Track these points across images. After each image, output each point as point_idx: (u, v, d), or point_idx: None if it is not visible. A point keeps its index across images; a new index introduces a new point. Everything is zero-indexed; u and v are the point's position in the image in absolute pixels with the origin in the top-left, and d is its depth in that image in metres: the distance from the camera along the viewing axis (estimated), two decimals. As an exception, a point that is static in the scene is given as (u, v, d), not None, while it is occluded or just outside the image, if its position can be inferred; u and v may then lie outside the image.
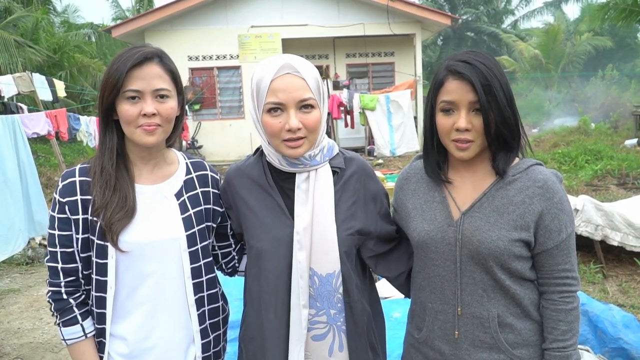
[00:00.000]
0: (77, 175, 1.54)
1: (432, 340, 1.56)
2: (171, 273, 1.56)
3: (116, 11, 24.83)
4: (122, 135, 1.55)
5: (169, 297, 1.56)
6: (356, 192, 1.62)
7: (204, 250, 1.63)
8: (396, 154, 14.08)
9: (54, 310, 1.56)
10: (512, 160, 1.50)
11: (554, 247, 1.45)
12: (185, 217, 1.59)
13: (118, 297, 1.54)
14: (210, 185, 1.70)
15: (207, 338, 1.65)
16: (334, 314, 1.57)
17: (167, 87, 1.51)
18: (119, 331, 1.56)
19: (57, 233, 1.53)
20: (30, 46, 14.96)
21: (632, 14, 11.99)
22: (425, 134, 1.59)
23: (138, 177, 1.58)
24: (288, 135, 1.48)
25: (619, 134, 14.54)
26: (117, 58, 1.49)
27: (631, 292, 4.47)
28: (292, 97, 1.46)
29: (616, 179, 9.03)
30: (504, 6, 32.31)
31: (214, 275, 1.68)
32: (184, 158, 1.70)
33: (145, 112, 1.47)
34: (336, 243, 1.54)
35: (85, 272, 1.56)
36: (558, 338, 1.46)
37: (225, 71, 15.23)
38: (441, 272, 1.53)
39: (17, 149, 5.37)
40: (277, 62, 1.49)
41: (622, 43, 27.18)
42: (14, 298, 5.29)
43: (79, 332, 1.55)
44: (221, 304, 1.73)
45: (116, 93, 1.47)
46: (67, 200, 1.51)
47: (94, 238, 1.52)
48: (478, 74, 1.41)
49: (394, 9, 14.54)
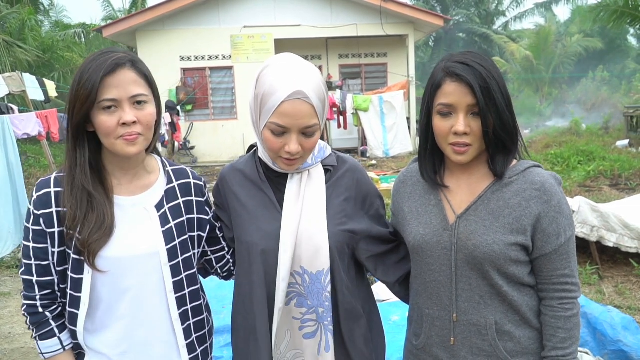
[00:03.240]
0: (52, 186, 1.46)
1: (430, 347, 1.54)
2: (151, 287, 1.50)
3: (107, 11, 24.68)
4: (96, 147, 1.47)
5: (149, 311, 1.50)
6: (348, 190, 1.62)
7: (186, 262, 1.57)
8: (389, 154, 14.09)
9: (30, 324, 1.50)
10: (510, 163, 1.47)
11: (553, 251, 1.41)
12: (166, 229, 1.52)
13: (96, 312, 1.48)
14: (194, 194, 1.63)
15: (194, 352, 1.59)
16: (322, 312, 1.56)
17: (144, 92, 1.43)
18: (96, 345, 1.50)
19: (31, 245, 1.45)
20: (20, 46, 14.82)
21: (623, 15, 12.09)
22: (420, 136, 1.55)
23: (116, 187, 1.51)
24: (287, 155, 1.49)
25: (611, 135, 14.64)
26: (86, 67, 1.40)
27: (627, 294, 4.47)
28: (298, 123, 1.45)
29: (609, 180, 9.07)
30: (495, 7, 32.48)
31: (197, 287, 1.63)
32: (164, 165, 1.63)
33: (125, 121, 1.39)
34: (327, 240, 1.53)
35: (62, 286, 1.49)
36: (557, 346, 1.42)
37: (218, 72, 15.17)
38: (437, 277, 1.50)
39: (6, 150, 5.31)
40: (290, 83, 1.43)
41: (612, 44, 27.42)
42: (3, 302, 5.20)
43: (56, 345, 1.49)
44: (205, 315, 1.67)
45: (90, 105, 1.38)
46: (42, 213, 1.44)
47: (69, 252, 1.45)
48: (477, 76, 1.37)
49: (387, 9, 14.55)
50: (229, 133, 14.89)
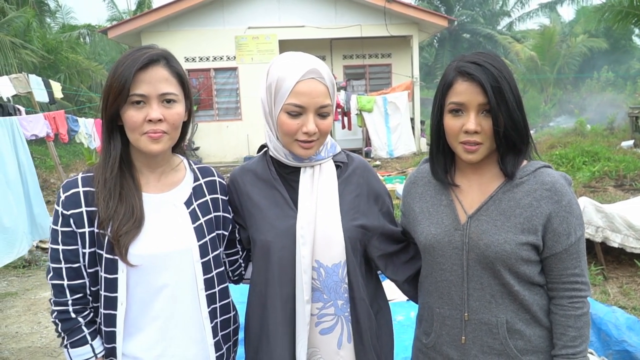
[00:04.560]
0: (80, 186, 1.45)
1: (440, 346, 1.55)
2: (184, 285, 1.49)
3: (112, 12, 24.76)
4: (127, 142, 1.47)
5: (182, 310, 1.49)
6: (359, 186, 1.64)
7: (216, 259, 1.58)
8: (393, 155, 14.07)
9: (61, 331, 1.46)
10: (521, 163, 1.48)
11: (563, 251, 1.43)
12: (197, 226, 1.52)
13: (129, 313, 1.45)
14: (219, 192, 1.65)
15: (220, 351, 1.60)
16: (342, 304, 1.57)
17: (174, 91, 1.43)
18: (131, 349, 1.48)
19: (61, 248, 1.43)
20: (25, 47, 14.88)
21: (628, 15, 12.06)
22: (432, 136, 1.57)
23: (145, 185, 1.50)
24: (303, 137, 1.51)
25: (615, 136, 14.58)
26: (121, 61, 1.41)
27: (632, 294, 4.47)
28: (314, 102, 1.48)
29: (614, 181, 9.04)
30: (500, 8, 32.40)
31: (226, 285, 1.63)
32: (190, 164, 1.64)
33: (151, 118, 1.39)
34: (341, 232, 1.55)
35: (93, 289, 1.47)
36: (567, 344, 1.44)
37: (222, 72, 15.20)
38: (448, 276, 1.51)
39: (17, 151, 5.35)
40: (304, 64, 1.48)
41: (617, 45, 27.29)
42: (11, 302, 5.24)
43: (88, 352, 1.46)
44: (233, 314, 1.68)
45: (122, 99, 1.38)
46: (72, 213, 1.42)
47: (101, 252, 1.43)
48: (488, 75, 1.40)
49: (391, 10, 14.54)
50: (233, 134, 14.92)
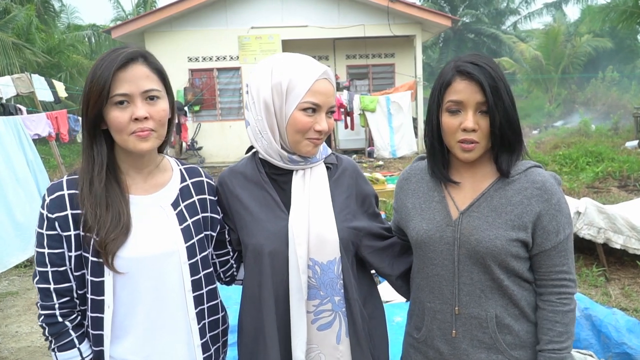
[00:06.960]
0: (65, 189, 1.43)
1: (432, 340, 1.58)
2: (171, 287, 1.48)
3: (118, 11, 24.83)
4: (110, 145, 1.45)
5: (169, 312, 1.48)
6: (349, 188, 1.67)
7: (204, 261, 1.57)
8: (396, 155, 14.05)
9: (49, 335, 1.46)
10: (515, 162, 1.51)
11: (552, 248, 1.47)
12: (184, 227, 1.51)
13: (116, 316, 1.44)
14: (207, 192, 1.63)
15: (208, 352, 1.59)
16: (338, 300, 1.59)
17: (157, 87, 1.42)
18: (119, 352, 1.47)
19: (46, 251, 1.41)
20: (28, 47, 14.94)
21: (633, 15, 12.01)
22: (429, 134, 1.59)
23: (131, 187, 1.49)
24: (315, 135, 1.55)
25: (620, 136, 14.53)
26: (98, 64, 1.38)
27: (634, 296, 4.44)
28: (328, 101, 1.55)
29: (617, 181, 9.00)
30: (504, 7, 32.30)
31: (214, 287, 1.63)
32: (177, 164, 1.62)
33: (137, 116, 1.37)
34: (336, 232, 1.57)
35: (80, 292, 1.46)
36: (554, 339, 1.47)
37: (225, 72, 15.21)
38: (439, 271, 1.54)
39: (24, 149, 5.36)
40: (316, 65, 1.55)
41: (622, 44, 27.14)
42: (12, 301, 5.25)
43: (76, 356, 1.46)
44: (221, 315, 1.67)
45: (103, 100, 1.36)
46: (57, 216, 1.41)
47: (87, 255, 1.42)
48: (486, 75, 1.43)
49: (394, 10, 14.52)
50: (236, 133, 14.92)
